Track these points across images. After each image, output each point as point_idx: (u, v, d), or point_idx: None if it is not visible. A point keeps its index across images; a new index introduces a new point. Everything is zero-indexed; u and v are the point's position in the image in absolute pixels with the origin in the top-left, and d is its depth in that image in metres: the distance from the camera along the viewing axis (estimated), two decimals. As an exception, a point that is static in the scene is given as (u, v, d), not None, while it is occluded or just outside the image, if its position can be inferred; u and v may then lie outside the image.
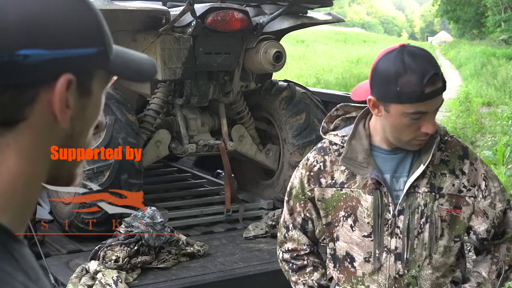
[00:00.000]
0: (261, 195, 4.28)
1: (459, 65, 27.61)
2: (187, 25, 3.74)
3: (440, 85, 1.81)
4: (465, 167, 1.97)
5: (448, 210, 1.93)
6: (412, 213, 1.92)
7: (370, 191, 1.93)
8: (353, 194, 1.95)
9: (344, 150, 1.96)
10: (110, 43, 0.81)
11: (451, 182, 1.95)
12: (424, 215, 1.92)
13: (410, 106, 1.80)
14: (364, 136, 1.96)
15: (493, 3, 33.94)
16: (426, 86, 1.77)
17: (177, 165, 5.25)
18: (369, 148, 1.95)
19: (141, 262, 3.07)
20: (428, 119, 1.83)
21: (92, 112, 0.83)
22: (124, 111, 3.53)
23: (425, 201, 1.92)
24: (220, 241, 3.60)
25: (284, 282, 2.18)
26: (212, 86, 4.00)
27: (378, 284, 1.94)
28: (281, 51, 3.89)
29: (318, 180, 2.02)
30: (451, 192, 1.94)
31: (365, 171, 1.93)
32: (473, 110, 13.63)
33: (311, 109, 4.11)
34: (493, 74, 19.32)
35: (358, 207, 1.94)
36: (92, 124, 0.84)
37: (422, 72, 1.77)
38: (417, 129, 1.85)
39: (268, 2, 4.09)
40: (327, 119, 2.12)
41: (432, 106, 1.82)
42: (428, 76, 1.76)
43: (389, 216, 1.92)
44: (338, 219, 1.99)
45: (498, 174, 7.30)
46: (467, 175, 1.96)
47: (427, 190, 1.93)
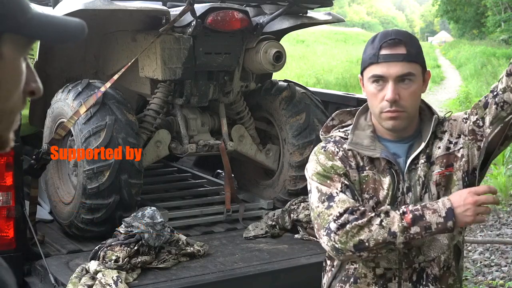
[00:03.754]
0: (261, 195, 4.28)
1: (459, 65, 27.61)
2: (187, 25, 3.74)
3: (401, 52, 1.87)
4: (445, 126, 2.03)
5: (440, 172, 1.98)
6: (414, 186, 1.98)
7: (386, 172, 1.98)
8: (375, 177, 1.99)
9: (349, 138, 2.01)
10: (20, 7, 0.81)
11: (437, 146, 2.01)
12: (424, 186, 1.98)
13: (369, 70, 1.91)
14: (366, 126, 2.02)
15: (493, 3, 33.93)
16: (382, 48, 1.87)
17: (177, 165, 5.24)
18: (374, 135, 2.01)
19: (141, 262, 3.07)
20: (388, 87, 1.89)
21: (8, 76, 0.82)
22: (124, 111, 3.53)
23: (424, 172, 1.98)
24: (220, 241, 3.60)
25: (284, 282, 2.18)
26: (212, 86, 4.00)
27: (387, 260, 1.99)
28: (281, 51, 3.89)
29: (348, 163, 2.00)
30: (440, 154, 2.00)
31: (374, 152, 1.98)
32: (473, 110, 13.59)
33: (311, 109, 4.11)
34: (493, 74, 19.31)
35: (379, 189, 1.98)
36: (13, 88, 0.83)
37: (384, 36, 1.89)
38: (382, 99, 1.91)
39: (268, 2, 4.09)
40: (324, 129, 2.16)
41: (390, 70, 1.88)
42: (387, 39, 1.87)
43: (399, 194, 1.98)
44: (363, 201, 2.00)
45: (498, 174, 7.31)
46: (449, 130, 2.02)
47: (423, 161, 1.99)
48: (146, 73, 3.87)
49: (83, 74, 4.20)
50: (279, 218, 3.75)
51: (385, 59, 1.87)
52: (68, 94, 3.59)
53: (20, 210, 3.10)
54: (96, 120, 3.43)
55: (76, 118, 3.43)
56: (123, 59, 4.00)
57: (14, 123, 0.87)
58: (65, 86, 3.70)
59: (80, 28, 0.87)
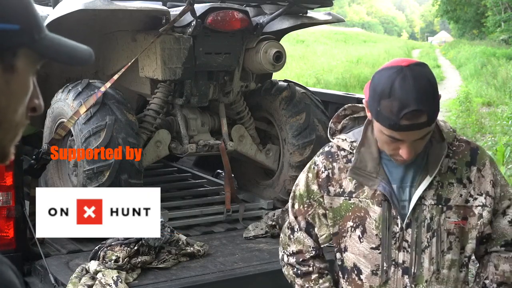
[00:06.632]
0: (261, 195, 4.28)
1: (459, 65, 27.59)
2: (187, 25, 3.74)
3: (422, 121, 1.72)
4: (472, 174, 1.92)
5: (456, 223, 1.89)
6: (418, 226, 1.88)
7: (379, 202, 1.89)
8: (362, 205, 1.92)
9: (354, 160, 1.92)
10: (37, 24, 0.85)
11: (458, 193, 1.90)
12: (431, 229, 1.88)
13: (385, 129, 1.77)
14: (373, 143, 1.91)
15: (493, 3, 33.94)
16: (402, 118, 1.70)
17: (177, 165, 5.24)
18: (378, 156, 1.91)
19: (141, 262, 3.07)
20: (405, 147, 1.79)
21: (18, 89, 0.86)
22: (124, 111, 3.53)
23: (431, 214, 1.88)
24: (220, 241, 3.60)
25: (284, 282, 2.18)
26: (212, 86, 4.00)
27: None
28: (281, 51, 3.89)
29: (327, 188, 1.98)
30: (459, 203, 1.90)
31: (373, 181, 1.89)
32: (473, 110, 13.62)
33: (311, 109, 4.11)
34: (493, 74, 19.32)
35: (366, 218, 1.91)
36: (21, 101, 0.87)
37: (403, 103, 1.70)
38: (396, 148, 1.81)
39: (268, 2, 4.09)
40: (335, 119, 2.08)
41: (409, 137, 1.76)
42: (407, 110, 1.69)
43: (397, 229, 1.89)
44: (346, 229, 1.96)
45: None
46: (473, 183, 1.91)
47: (433, 202, 1.88)
48: (146, 73, 3.87)
49: (83, 74, 4.20)
50: (279, 218, 3.75)
51: (405, 129, 1.73)
52: (68, 94, 3.59)
53: (20, 210, 3.10)
54: (96, 120, 3.43)
55: (76, 118, 3.43)
56: (123, 59, 4.00)
57: (17, 137, 0.90)
58: (65, 86, 3.70)
59: (87, 55, 0.91)
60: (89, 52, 0.92)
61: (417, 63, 1.78)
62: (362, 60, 26.53)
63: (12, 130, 0.89)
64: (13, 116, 0.87)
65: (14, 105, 0.87)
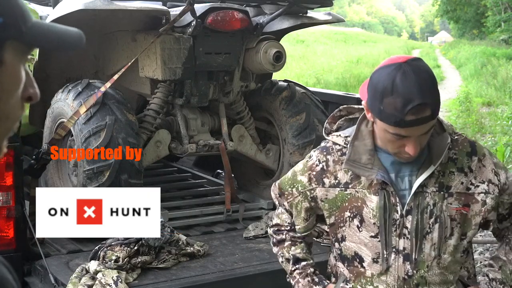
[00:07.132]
0: (261, 195, 4.28)
1: (459, 65, 27.61)
2: (187, 25, 3.74)
3: (427, 114, 1.73)
4: (473, 164, 1.95)
5: (458, 209, 1.92)
6: (420, 213, 1.90)
7: (375, 191, 1.91)
8: (358, 195, 1.94)
9: (348, 152, 1.93)
10: (22, 15, 0.84)
11: (459, 180, 1.93)
12: (434, 215, 1.90)
13: (390, 127, 1.78)
14: (367, 136, 1.93)
15: (493, 3, 33.94)
16: (408, 114, 1.71)
17: (177, 165, 5.24)
18: (373, 148, 1.92)
19: (141, 262, 3.07)
20: (411, 142, 1.80)
21: (8, 81, 0.85)
22: (124, 111, 3.53)
23: (434, 201, 1.90)
24: (220, 241, 3.60)
25: (284, 282, 2.18)
26: (212, 86, 4.00)
27: (387, 284, 1.93)
28: (281, 51, 3.89)
29: (322, 180, 2.01)
30: (460, 190, 1.92)
31: (370, 172, 1.90)
32: (473, 110, 13.62)
33: (311, 109, 4.11)
34: (493, 74, 19.33)
35: (363, 207, 1.93)
36: (12, 93, 0.87)
37: (407, 98, 1.71)
38: (401, 146, 1.82)
39: (268, 2, 4.09)
40: (330, 119, 2.10)
41: (414, 132, 1.77)
42: (412, 105, 1.70)
43: (397, 216, 1.90)
44: (343, 219, 1.98)
45: (498, 174, 7.30)
46: (474, 172, 1.94)
47: (435, 189, 1.91)
48: (146, 73, 3.87)
49: (83, 74, 4.20)
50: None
51: (411, 124, 1.74)
52: (68, 94, 3.59)
53: (20, 210, 3.10)
54: (96, 120, 3.43)
55: (76, 118, 3.43)
56: (123, 59, 4.00)
57: (11, 130, 0.89)
58: (65, 86, 3.70)
59: (78, 38, 0.90)
60: (79, 34, 0.90)
61: (413, 58, 1.80)
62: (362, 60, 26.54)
63: (4, 123, 0.88)
64: (5, 108, 0.86)
65: (6, 98, 0.86)
